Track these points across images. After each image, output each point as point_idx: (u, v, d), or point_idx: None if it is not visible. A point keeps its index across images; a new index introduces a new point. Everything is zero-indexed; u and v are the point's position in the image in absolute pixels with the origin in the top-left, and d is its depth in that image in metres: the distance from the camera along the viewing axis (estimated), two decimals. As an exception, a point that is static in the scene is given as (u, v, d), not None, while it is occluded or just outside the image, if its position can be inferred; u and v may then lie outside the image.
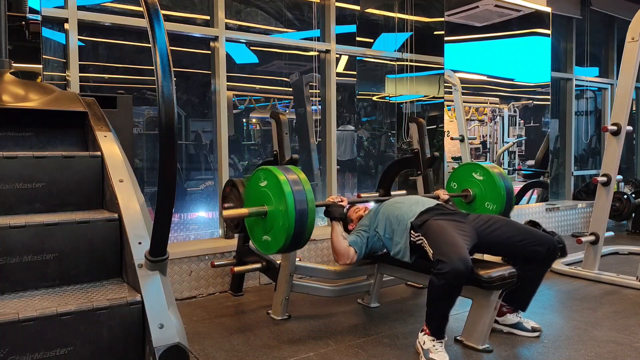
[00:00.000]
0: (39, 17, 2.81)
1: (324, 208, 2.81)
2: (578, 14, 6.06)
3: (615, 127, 3.70)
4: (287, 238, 2.34)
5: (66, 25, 3.11)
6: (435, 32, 4.78)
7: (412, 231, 2.59)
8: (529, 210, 5.29)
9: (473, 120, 5.14)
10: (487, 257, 3.06)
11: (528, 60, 5.41)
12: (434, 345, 2.27)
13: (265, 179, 2.46)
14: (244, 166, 4.45)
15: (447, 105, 4.73)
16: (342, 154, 4.92)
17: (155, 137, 3.84)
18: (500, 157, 5.39)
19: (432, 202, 2.76)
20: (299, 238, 2.39)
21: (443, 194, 3.19)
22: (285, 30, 4.38)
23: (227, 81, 3.74)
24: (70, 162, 1.89)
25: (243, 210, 2.49)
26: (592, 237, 3.80)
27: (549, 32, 5.41)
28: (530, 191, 5.63)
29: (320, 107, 4.39)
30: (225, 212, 2.48)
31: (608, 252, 4.45)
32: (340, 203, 2.76)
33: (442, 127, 4.75)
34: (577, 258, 4.08)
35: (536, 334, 2.60)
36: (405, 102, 4.92)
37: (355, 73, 4.86)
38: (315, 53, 4.23)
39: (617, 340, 2.54)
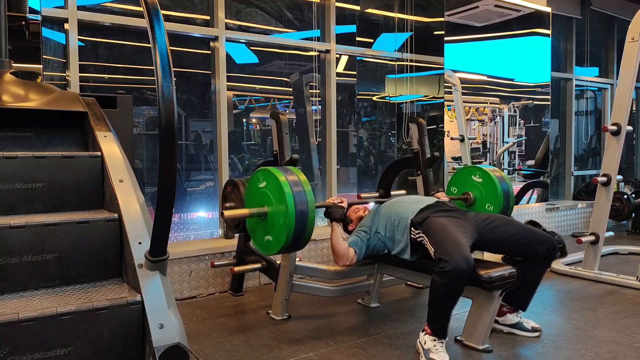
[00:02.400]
0: (39, 17, 2.81)
1: (323, 209, 2.81)
2: (578, 14, 6.06)
3: (615, 127, 3.70)
4: (288, 238, 2.34)
5: (66, 25, 3.11)
6: (435, 32, 4.78)
7: (412, 228, 2.59)
8: (529, 210, 5.29)
9: (473, 120, 5.14)
10: (487, 256, 3.06)
11: (528, 60, 5.41)
12: (434, 345, 2.27)
13: (265, 180, 2.46)
14: (244, 166, 4.45)
15: (447, 105, 4.73)
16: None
17: (155, 137, 3.84)
18: (500, 157, 5.39)
19: (432, 200, 2.78)
20: (300, 238, 2.39)
21: (442, 196, 3.18)
22: (285, 30, 4.38)
23: (227, 81, 3.75)
24: (70, 162, 1.89)
25: (243, 211, 2.50)
26: (592, 237, 3.80)
27: (549, 32, 5.41)
28: (530, 191, 5.63)
29: (320, 107, 4.39)
30: (227, 213, 2.49)
31: (608, 252, 4.45)
32: (340, 204, 2.76)
33: (442, 127, 4.75)
34: (577, 258, 4.08)
35: (536, 334, 2.60)
36: (405, 102, 4.92)
37: (355, 73, 4.86)
38: (315, 53, 4.23)
39: (617, 340, 2.54)
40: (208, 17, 3.80)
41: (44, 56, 2.97)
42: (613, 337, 2.57)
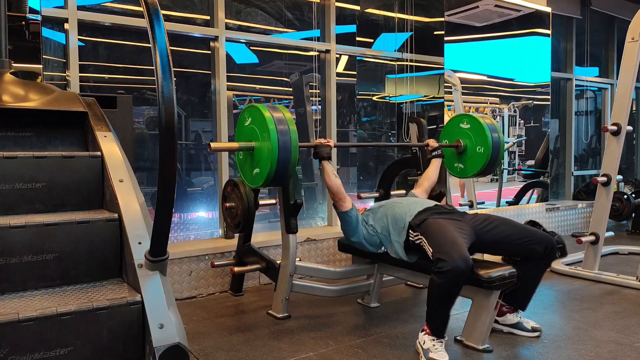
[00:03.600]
0: (39, 17, 2.81)
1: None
2: (578, 14, 6.06)
3: (615, 127, 3.70)
4: (272, 169, 2.44)
5: (66, 25, 3.11)
6: (435, 32, 4.78)
7: (410, 230, 2.59)
8: (529, 210, 5.29)
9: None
10: (487, 257, 3.06)
11: (528, 60, 5.41)
12: (434, 345, 2.27)
13: (250, 117, 2.58)
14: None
15: (447, 105, 4.73)
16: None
17: (155, 137, 3.84)
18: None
19: (431, 203, 2.78)
20: (284, 168, 2.47)
21: (432, 142, 3.24)
22: (285, 30, 4.38)
23: (227, 81, 3.75)
24: (70, 162, 1.89)
25: (233, 144, 2.62)
26: (592, 237, 3.80)
27: (549, 32, 5.41)
28: (530, 191, 5.63)
29: (320, 107, 4.39)
30: (213, 145, 2.57)
31: (608, 252, 4.45)
32: (327, 143, 2.79)
33: (442, 127, 4.75)
34: (577, 258, 4.08)
35: (536, 334, 2.60)
36: (405, 102, 4.92)
37: (355, 73, 4.86)
38: (315, 53, 4.23)
39: (617, 340, 2.54)
40: (208, 17, 3.80)
41: (44, 56, 2.97)
42: (613, 337, 2.57)
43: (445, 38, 4.63)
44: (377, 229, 2.75)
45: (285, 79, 4.52)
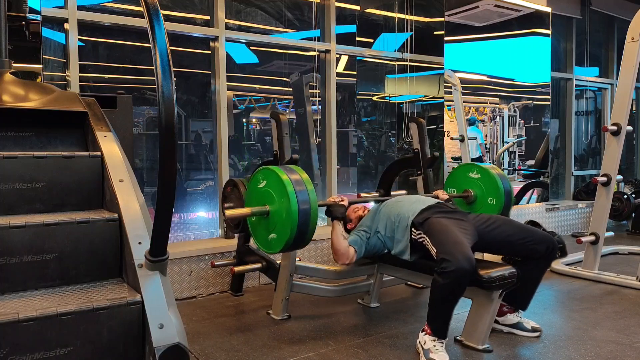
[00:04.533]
0: (39, 17, 2.81)
1: (324, 208, 2.81)
2: (578, 14, 6.06)
3: (615, 127, 3.70)
4: (292, 235, 2.33)
5: (66, 25, 3.11)
6: (435, 32, 4.78)
7: (413, 229, 2.59)
8: (529, 210, 5.29)
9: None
10: (487, 256, 3.06)
11: (528, 60, 5.41)
12: (434, 346, 2.27)
13: (265, 179, 2.46)
14: (244, 166, 4.45)
15: (447, 105, 4.73)
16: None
17: (155, 137, 3.84)
18: (500, 157, 5.39)
19: (433, 201, 2.77)
20: (303, 235, 2.38)
21: (442, 194, 3.18)
22: (285, 30, 4.38)
23: (227, 81, 3.75)
24: (70, 162, 1.89)
25: (245, 210, 2.49)
26: (592, 237, 3.80)
27: (549, 32, 5.41)
28: (530, 191, 5.63)
29: (320, 107, 4.39)
30: (228, 212, 2.49)
31: (608, 252, 4.45)
32: (341, 203, 2.76)
33: (442, 127, 4.75)
34: (577, 258, 4.08)
35: (536, 334, 2.60)
36: (405, 102, 4.92)
37: (355, 73, 4.86)
38: (315, 53, 4.23)
39: (617, 340, 2.54)
40: (208, 17, 3.80)
41: (44, 56, 2.97)
42: (613, 337, 2.57)
43: (445, 38, 4.63)
44: (380, 229, 2.74)
45: (285, 79, 4.52)
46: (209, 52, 3.78)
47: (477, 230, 2.54)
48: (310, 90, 4.43)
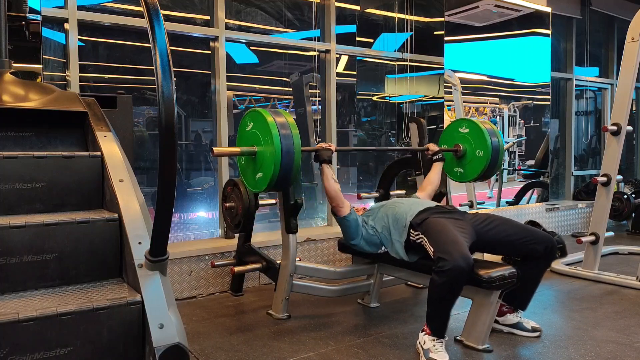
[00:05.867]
0: (39, 17, 2.81)
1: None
2: (578, 14, 6.06)
3: (615, 127, 3.70)
4: (275, 173, 2.44)
5: (66, 25, 3.11)
6: (435, 32, 4.78)
7: (411, 230, 2.59)
8: (529, 210, 5.29)
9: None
10: (487, 256, 3.06)
11: (528, 60, 5.41)
12: (434, 345, 2.27)
13: (252, 121, 2.57)
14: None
15: (447, 105, 4.73)
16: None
17: (155, 137, 3.84)
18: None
19: (432, 203, 2.79)
20: (286, 175, 2.47)
21: (432, 146, 3.25)
22: (285, 30, 4.38)
23: (227, 81, 3.75)
24: (70, 162, 1.89)
25: (235, 149, 2.61)
26: (592, 237, 3.80)
27: (549, 32, 5.41)
28: (530, 191, 5.63)
29: (320, 107, 4.39)
30: (216, 150, 2.57)
31: (608, 252, 4.45)
32: (328, 147, 2.80)
33: (442, 127, 4.75)
34: (577, 258, 4.08)
35: (536, 334, 2.60)
36: (405, 102, 4.92)
37: (355, 73, 4.86)
38: (315, 53, 4.23)
39: (617, 340, 2.54)
40: (208, 17, 3.80)
41: (44, 56, 2.97)
42: (613, 337, 2.57)
43: (445, 38, 4.63)
44: (377, 228, 2.75)
45: (285, 79, 4.52)
46: (209, 52, 3.78)
47: (474, 229, 2.55)
48: (310, 90, 4.43)
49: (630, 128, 3.71)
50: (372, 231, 2.76)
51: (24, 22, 2.70)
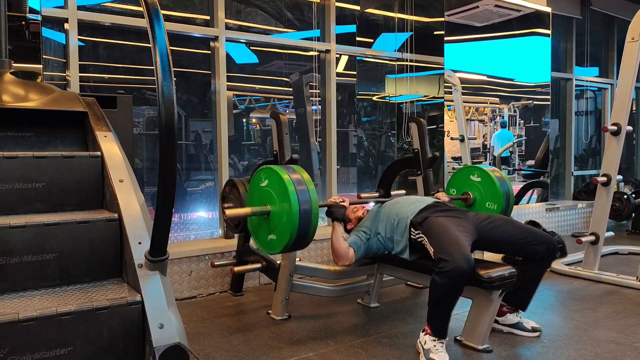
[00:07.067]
0: (39, 17, 2.81)
1: (325, 208, 2.80)
2: (578, 14, 6.06)
3: (615, 127, 3.70)
4: (292, 237, 2.31)
5: (66, 25, 3.11)
6: (435, 32, 4.78)
7: (412, 229, 2.59)
8: (529, 210, 5.29)
9: (473, 120, 5.14)
10: (487, 256, 3.06)
11: (528, 60, 5.41)
12: (434, 345, 2.27)
13: (267, 179, 2.44)
14: (244, 166, 4.45)
15: (447, 105, 4.73)
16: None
17: (155, 137, 3.84)
18: (500, 157, 5.39)
19: (432, 200, 2.77)
20: (303, 237, 2.35)
21: (442, 195, 3.17)
22: (285, 30, 4.38)
23: (227, 81, 3.74)
24: (71, 162, 1.89)
25: (246, 210, 2.47)
26: (592, 237, 3.80)
27: (549, 32, 5.41)
28: (530, 191, 5.63)
29: (320, 107, 4.39)
30: (228, 212, 2.46)
31: (608, 252, 4.45)
32: (342, 203, 2.75)
33: (442, 127, 4.75)
34: (577, 258, 4.08)
35: (536, 334, 2.60)
36: (405, 102, 4.92)
37: (355, 73, 4.86)
38: (315, 53, 4.23)
39: (617, 340, 2.54)
40: (208, 17, 3.80)
41: (44, 56, 2.97)
42: (613, 337, 2.57)
43: (445, 38, 4.63)
44: (381, 232, 2.74)
45: (285, 79, 4.52)
46: (209, 52, 3.78)
47: (476, 228, 2.54)
48: (310, 90, 4.43)
49: (630, 128, 3.71)
50: (376, 239, 2.74)
51: (24, 22, 2.70)
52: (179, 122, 4.08)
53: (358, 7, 4.79)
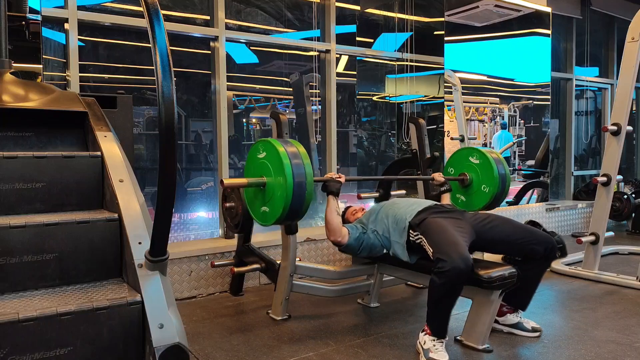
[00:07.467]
0: (39, 17, 2.81)
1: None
2: (578, 14, 6.06)
3: (615, 127, 3.70)
4: (284, 210, 2.33)
5: (66, 25, 3.11)
6: (435, 32, 4.78)
7: (410, 230, 2.59)
8: (529, 210, 5.29)
9: (473, 120, 5.14)
10: (487, 256, 3.06)
11: (528, 60, 5.41)
12: (434, 345, 2.27)
13: (264, 151, 2.46)
14: (244, 166, 4.45)
15: (447, 105, 4.73)
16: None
17: (155, 137, 3.84)
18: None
19: (430, 202, 2.78)
20: (296, 211, 2.38)
21: (438, 176, 3.19)
22: (285, 30, 4.38)
23: (227, 81, 3.74)
24: (71, 162, 1.89)
25: (242, 180, 2.50)
26: (592, 237, 3.80)
27: (549, 32, 5.41)
28: (530, 191, 5.63)
29: (320, 107, 4.39)
30: (226, 181, 2.47)
31: (608, 252, 4.45)
32: (338, 179, 2.76)
33: (442, 127, 4.76)
34: (577, 258, 4.08)
35: (536, 334, 2.60)
36: (405, 102, 4.92)
37: (355, 73, 4.86)
38: (315, 53, 4.23)
39: (617, 340, 2.54)
40: (208, 17, 3.80)
41: (44, 56, 2.97)
42: (613, 337, 2.57)
43: (445, 38, 4.63)
44: (378, 230, 2.74)
45: (285, 79, 4.52)
46: (209, 52, 3.78)
47: (474, 228, 2.55)
48: (310, 90, 4.43)
49: (630, 128, 3.71)
50: (373, 235, 2.74)
51: (24, 22, 2.70)
52: (179, 122, 4.08)
53: (358, 7, 4.79)
